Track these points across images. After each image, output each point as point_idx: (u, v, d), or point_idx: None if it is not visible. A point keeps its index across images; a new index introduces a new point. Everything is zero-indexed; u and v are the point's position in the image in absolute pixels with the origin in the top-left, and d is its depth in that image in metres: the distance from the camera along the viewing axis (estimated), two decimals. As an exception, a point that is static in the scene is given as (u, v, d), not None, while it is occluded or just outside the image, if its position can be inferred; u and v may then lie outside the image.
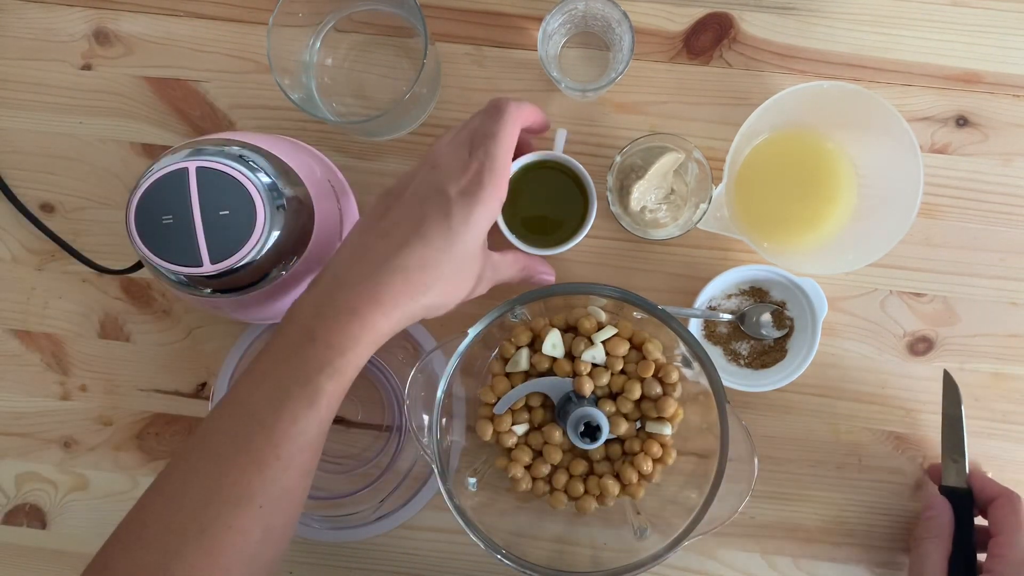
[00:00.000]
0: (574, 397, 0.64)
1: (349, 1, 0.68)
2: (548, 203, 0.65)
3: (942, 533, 0.64)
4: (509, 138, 0.56)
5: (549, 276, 0.65)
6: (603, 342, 0.65)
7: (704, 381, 0.60)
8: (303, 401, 0.50)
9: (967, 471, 0.65)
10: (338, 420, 0.71)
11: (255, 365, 0.53)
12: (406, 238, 0.53)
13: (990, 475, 0.68)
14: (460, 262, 0.54)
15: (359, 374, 0.54)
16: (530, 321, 0.66)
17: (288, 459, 0.50)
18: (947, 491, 0.65)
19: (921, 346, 0.70)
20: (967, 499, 0.65)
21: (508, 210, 0.63)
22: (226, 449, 0.50)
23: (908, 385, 0.69)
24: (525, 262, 0.63)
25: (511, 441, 0.66)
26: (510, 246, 0.64)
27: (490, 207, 0.54)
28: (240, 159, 0.55)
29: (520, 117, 0.58)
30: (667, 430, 0.65)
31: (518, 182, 0.64)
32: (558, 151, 0.64)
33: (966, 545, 0.64)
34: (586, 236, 0.67)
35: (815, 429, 0.70)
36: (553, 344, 0.65)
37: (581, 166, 0.63)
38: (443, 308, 0.56)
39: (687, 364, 0.64)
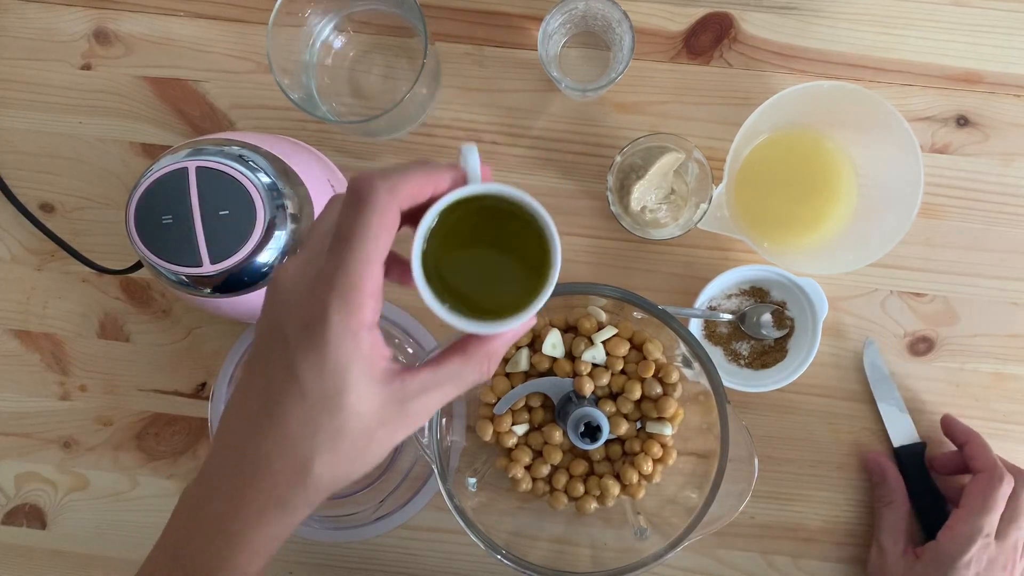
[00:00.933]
0: (574, 397, 0.64)
1: (349, 1, 0.68)
2: (488, 260, 0.42)
3: (895, 498, 0.66)
4: (373, 239, 0.38)
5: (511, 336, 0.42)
6: (603, 342, 0.65)
7: (704, 381, 0.60)
8: None
9: (894, 426, 0.68)
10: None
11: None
12: (258, 418, 0.40)
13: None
14: (339, 424, 0.39)
15: None
16: (530, 321, 0.66)
17: None
18: (900, 451, 0.68)
19: (921, 346, 0.70)
20: (918, 457, 0.67)
21: (433, 279, 0.40)
22: None
23: (908, 385, 0.69)
24: (480, 355, 0.41)
25: (511, 441, 0.66)
26: (451, 333, 0.47)
27: (346, 345, 0.38)
28: (240, 159, 0.55)
29: (394, 200, 0.38)
30: (667, 430, 0.65)
31: (440, 238, 0.40)
32: (475, 178, 0.40)
33: (925, 501, 0.66)
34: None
35: (815, 429, 0.70)
36: (553, 344, 0.65)
37: (529, 197, 0.39)
38: (351, 476, 0.43)
39: (687, 364, 0.64)
